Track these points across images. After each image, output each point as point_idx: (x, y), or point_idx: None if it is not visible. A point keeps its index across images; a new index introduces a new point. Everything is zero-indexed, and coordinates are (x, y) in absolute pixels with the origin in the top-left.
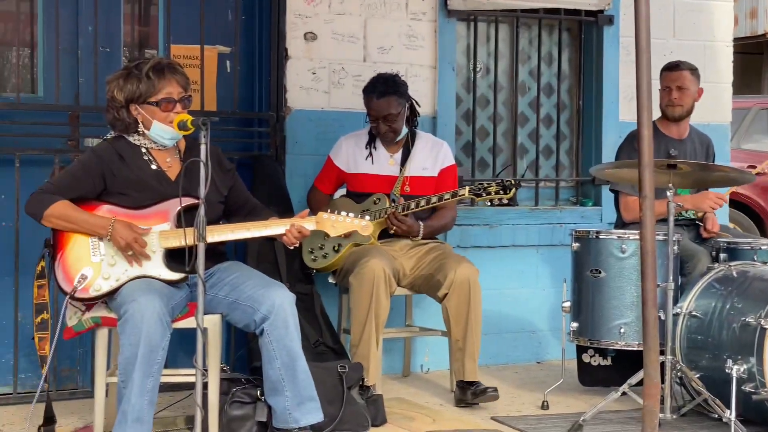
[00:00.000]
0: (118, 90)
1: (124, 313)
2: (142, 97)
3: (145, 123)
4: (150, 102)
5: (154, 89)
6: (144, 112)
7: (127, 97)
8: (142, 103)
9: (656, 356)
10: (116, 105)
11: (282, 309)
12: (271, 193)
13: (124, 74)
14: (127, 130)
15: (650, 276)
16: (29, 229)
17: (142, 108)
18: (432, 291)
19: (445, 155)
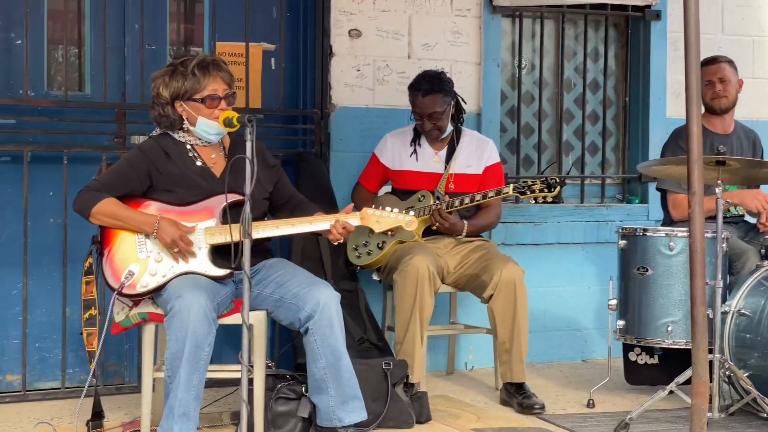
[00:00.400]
0: (163, 87)
1: (171, 309)
2: (187, 94)
3: (190, 119)
4: (195, 99)
5: (199, 86)
6: (189, 109)
7: (172, 94)
8: (187, 100)
9: (705, 355)
10: (161, 102)
11: (327, 308)
12: (315, 190)
13: (170, 71)
14: (172, 126)
15: (699, 273)
16: (77, 225)
17: (187, 105)
18: (477, 291)
19: (490, 153)
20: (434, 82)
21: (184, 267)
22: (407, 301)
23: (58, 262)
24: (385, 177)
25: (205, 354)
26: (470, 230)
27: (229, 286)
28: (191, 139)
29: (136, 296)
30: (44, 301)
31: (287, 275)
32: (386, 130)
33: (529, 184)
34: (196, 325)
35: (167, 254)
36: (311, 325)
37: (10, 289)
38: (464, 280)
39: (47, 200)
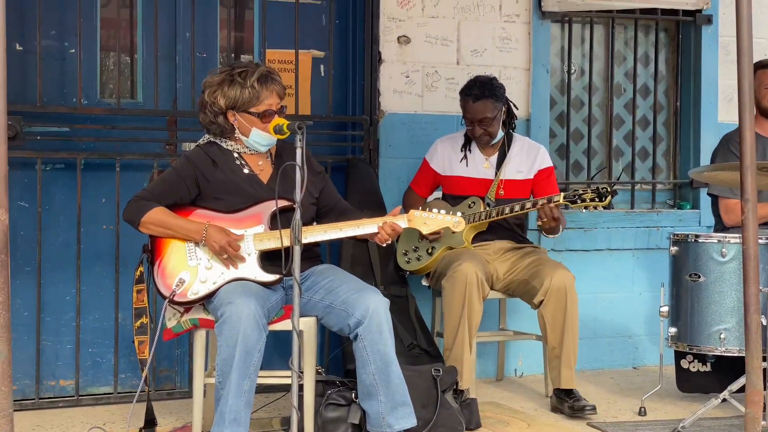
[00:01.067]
0: (221, 95)
1: (222, 315)
2: (244, 106)
3: (242, 130)
4: (251, 112)
5: (257, 100)
6: (243, 120)
7: (228, 104)
8: (242, 112)
9: (759, 362)
10: (215, 110)
11: (376, 314)
12: (364, 196)
13: (227, 80)
14: (222, 134)
15: (753, 280)
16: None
17: (241, 116)
18: (527, 297)
19: (542, 158)
20: (485, 87)
21: (234, 273)
22: (456, 307)
23: (110, 268)
24: (435, 182)
25: (256, 360)
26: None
27: (279, 292)
28: (239, 147)
29: (187, 303)
30: (97, 307)
31: (337, 281)
32: (435, 136)
33: (580, 193)
34: (246, 331)
35: (217, 261)
36: (361, 331)
37: (63, 295)
38: (514, 286)
39: (100, 207)
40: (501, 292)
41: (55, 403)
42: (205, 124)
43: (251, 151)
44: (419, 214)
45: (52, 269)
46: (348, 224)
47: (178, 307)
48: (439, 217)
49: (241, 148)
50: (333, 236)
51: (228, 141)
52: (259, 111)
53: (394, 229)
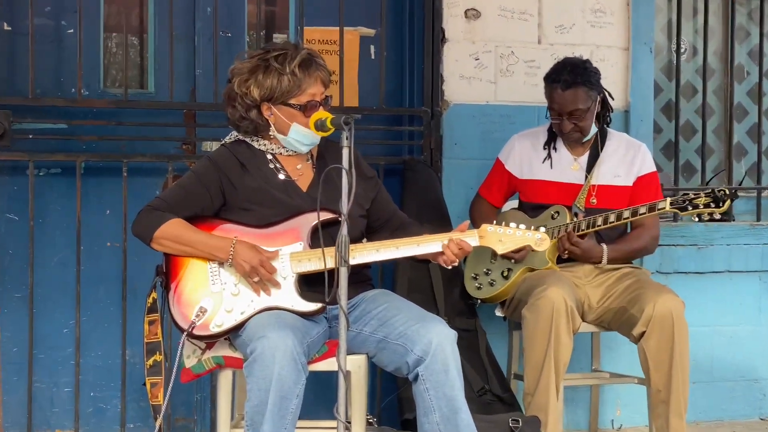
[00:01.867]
0: (254, 85)
1: (252, 352)
2: (283, 98)
3: (278, 125)
4: (290, 104)
5: (298, 90)
6: (281, 115)
7: (264, 95)
8: (280, 104)
9: None
10: (247, 103)
11: (441, 349)
12: (424, 205)
13: (261, 66)
14: (256, 132)
15: None
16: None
17: (279, 109)
18: (625, 329)
19: (642, 160)
20: (578, 72)
21: (267, 301)
22: (539, 342)
23: (116, 295)
24: (511, 188)
25: (293, 407)
26: (613, 257)
27: (321, 324)
28: (273, 147)
29: (209, 338)
30: (100, 342)
31: (392, 310)
32: (511, 131)
33: (690, 197)
34: (282, 372)
35: (246, 286)
36: (422, 370)
37: (60, 327)
38: (609, 316)
39: (103, 220)
40: (594, 323)
41: None
42: (234, 120)
43: (289, 152)
44: (493, 230)
45: (46, 296)
46: (406, 241)
47: (198, 342)
48: (517, 233)
49: (276, 148)
50: (387, 256)
51: (260, 140)
52: (301, 102)
53: (462, 248)
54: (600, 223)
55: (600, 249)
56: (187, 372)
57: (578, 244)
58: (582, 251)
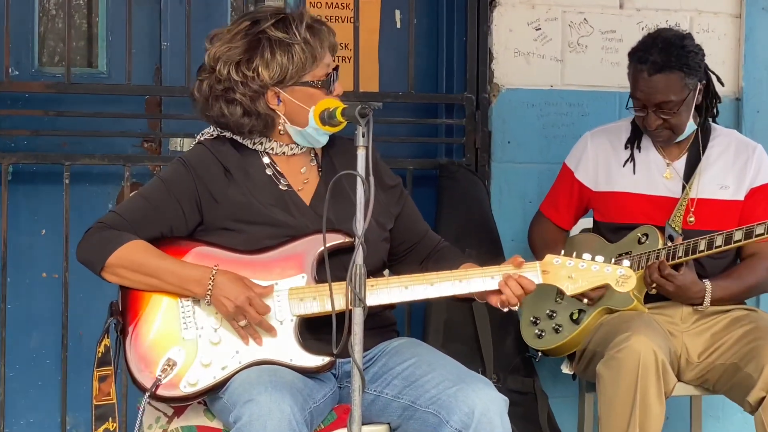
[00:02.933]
0: (263, 65)
1: (236, 421)
2: (297, 75)
3: (291, 115)
4: (307, 82)
5: (314, 61)
6: (294, 99)
7: (274, 76)
8: (293, 85)
9: None
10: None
11: (487, 421)
12: (466, 225)
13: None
14: (266, 131)
15: None
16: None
17: (291, 92)
18: (738, 393)
19: (758, 166)
20: (672, 51)
21: (258, 353)
22: (621, 409)
23: (53, 342)
24: (583, 204)
25: None
26: (719, 296)
27: (329, 383)
28: (274, 146)
29: (179, 400)
30: (32, 405)
31: (422, 366)
32: (584, 126)
33: None
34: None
35: (230, 331)
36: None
37: None
38: (716, 375)
39: (38, 243)
40: (694, 384)
41: None
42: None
43: (293, 151)
44: (560, 262)
45: None
46: (444, 275)
47: (163, 407)
48: (593, 268)
49: (278, 146)
50: (419, 295)
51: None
52: (318, 77)
53: (523, 287)
54: (702, 248)
55: (701, 286)
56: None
57: (672, 278)
58: (676, 287)
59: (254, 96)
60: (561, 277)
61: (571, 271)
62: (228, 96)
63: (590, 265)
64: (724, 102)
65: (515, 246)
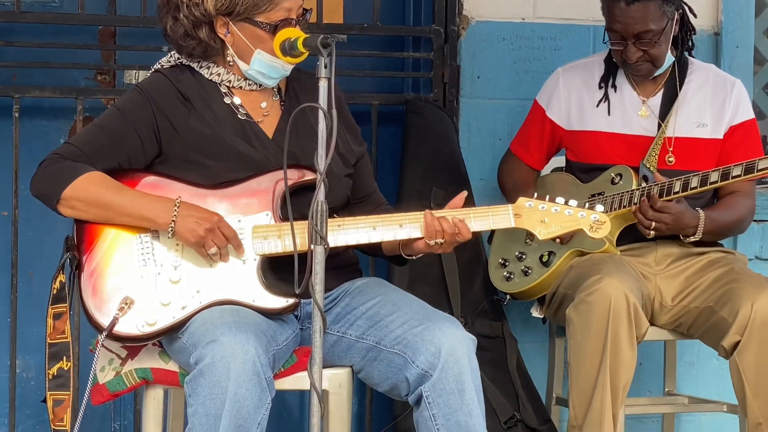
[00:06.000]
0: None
1: (198, 362)
2: (247, 12)
3: (239, 50)
4: (257, 21)
5: (270, 3)
6: (242, 35)
7: (221, 7)
8: (242, 20)
9: None
10: (196, 16)
11: (454, 361)
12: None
13: None
14: (205, 56)
15: None
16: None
17: (240, 27)
18: (713, 337)
19: (737, 103)
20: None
21: (220, 293)
22: (591, 354)
23: (3, 282)
24: (555, 142)
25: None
26: (710, 229)
27: (292, 325)
28: (231, 78)
29: (134, 340)
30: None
31: (387, 306)
32: (557, 60)
33: None
34: (239, 391)
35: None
36: (427, 389)
37: None
38: (690, 319)
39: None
40: (668, 328)
41: None
42: (175, 37)
43: (251, 85)
44: (533, 206)
45: None
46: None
47: (117, 347)
48: (567, 212)
49: (235, 79)
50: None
51: (213, 66)
52: (272, 21)
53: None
54: (678, 189)
55: (696, 213)
56: (100, 390)
57: (667, 209)
58: (674, 218)
59: (196, 21)
60: (534, 221)
61: (544, 215)
62: (175, 13)
63: (563, 209)
64: (703, 37)
65: (484, 185)
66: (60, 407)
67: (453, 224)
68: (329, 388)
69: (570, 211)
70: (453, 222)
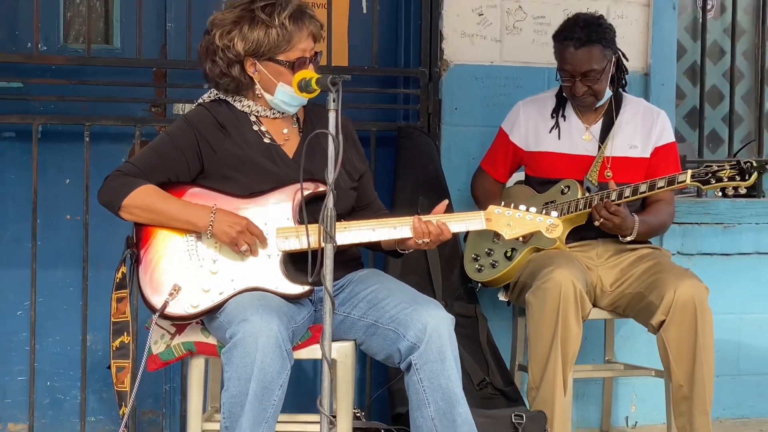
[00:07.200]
0: (239, 38)
1: (232, 336)
2: (270, 53)
3: (264, 84)
4: (278, 60)
5: (288, 45)
6: (267, 72)
7: (249, 50)
8: (267, 60)
9: None
10: (230, 57)
11: (436, 335)
12: (421, 177)
13: (247, 17)
14: (237, 90)
15: None
16: (103, 223)
17: (265, 66)
18: (643, 316)
19: (661, 129)
20: (591, 29)
21: (249, 281)
22: (545, 330)
23: (76, 274)
24: (516, 161)
25: (276, 398)
26: (642, 230)
27: (307, 308)
28: (258, 109)
29: (182, 319)
30: (58, 326)
31: (383, 292)
32: (518, 95)
33: (714, 170)
34: (265, 360)
35: (226, 262)
36: (415, 358)
37: (13, 310)
38: (625, 302)
39: (63, 190)
40: (607, 309)
41: None
42: (213, 76)
43: (275, 114)
44: (501, 212)
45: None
46: (382, 222)
47: (167, 325)
48: (527, 217)
49: (261, 109)
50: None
51: (243, 99)
52: (290, 59)
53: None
54: (614, 197)
55: (633, 220)
56: (154, 359)
57: (618, 213)
58: (621, 219)
59: (230, 61)
60: (501, 224)
61: (509, 219)
62: (212, 56)
63: (525, 214)
64: (635, 77)
65: (461, 195)
66: (122, 372)
67: (437, 227)
68: (337, 357)
69: (530, 216)
70: (437, 225)
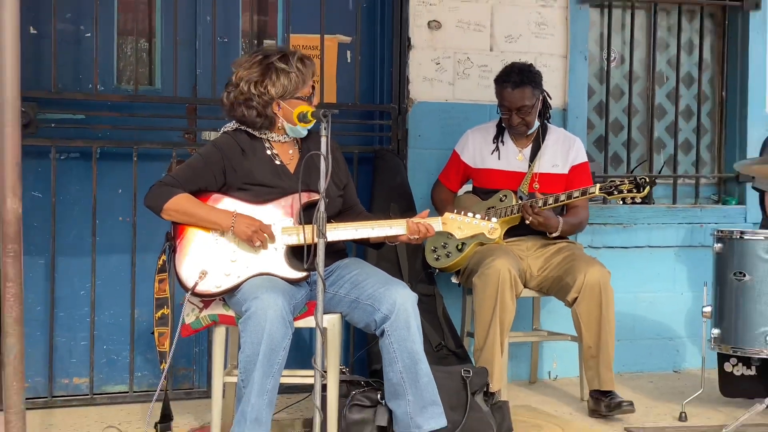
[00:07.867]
0: (271, 86)
1: (247, 310)
2: (292, 92)
3: (287, 117)
4: (298, 96)
5: (303, 84)
6: (288, 107)
7: (279, 93)
8: (289, 98)
9: None
10: (265, 101)
11: (403, 309)
12: (392, 188)
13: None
14: (270, 126)
15: None
16: (147, 223)
17: (287, 103)
18: (561, 294)
19: (577, 152)
20: (524, 74)
21: (260, 267)
22: (487, 305)
23: (126, 261)
24: (466, 175)
25: (281, 358)
26: (564, 228)
27: (304, 288)
28: (273, 136)
29: (208, 296)
30: (112, 302)
31: (362, 275)
32: (467, 126)
33: (616, 183)
34: (272, 328)
35: (243, 253)
36: (387, 326)
37: (78, 290)
38: (548, 284)
39: (116, 198)
40: (534, 290)
41: (68, 401)
42: (250, 119)
43: (285, 139)
44: (454, 218)
45: (66, 262)
46: (380, 223)
47: (197, 302)
48: (474, 222)
49: (276, 136)
50: (363, 235)
51: (263, 129)
52: (304, 94)
53: (428, 230)
54: (541, 204)
55: (557, 220)
56: (186, 327)
57: (541, 213)
58: (544, 218)
59: (265, 104)
60: (454, 227)
61: (460, 223)
62: (248, 104)
63: (472, 220)
64: (555, 111)
65: (423, 202)
66: (162, 337)
67: (425, 226)
68: (327, 326)
69: (476, 222)
70: (425, 225)
